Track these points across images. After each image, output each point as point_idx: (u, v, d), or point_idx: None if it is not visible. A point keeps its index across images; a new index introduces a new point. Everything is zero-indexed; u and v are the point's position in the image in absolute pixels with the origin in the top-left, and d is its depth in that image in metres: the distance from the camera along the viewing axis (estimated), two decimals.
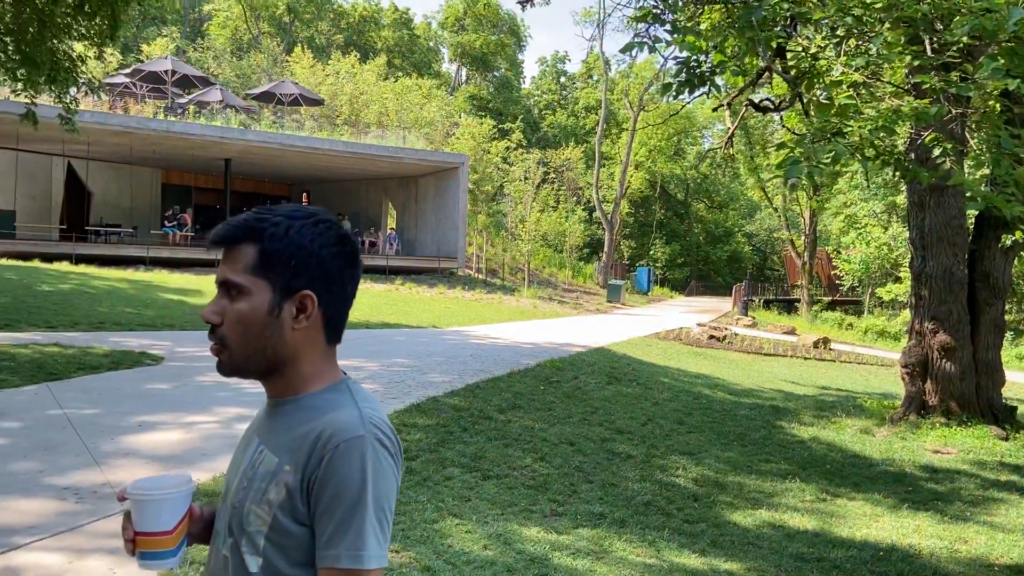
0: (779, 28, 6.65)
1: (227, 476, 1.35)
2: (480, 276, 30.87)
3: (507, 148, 35.91)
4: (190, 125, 25.01)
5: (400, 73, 49.95)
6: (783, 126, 9.97)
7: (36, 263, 20.81)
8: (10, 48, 13.97)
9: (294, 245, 1.24)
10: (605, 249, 41.05)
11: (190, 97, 29.39)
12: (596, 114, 54.98)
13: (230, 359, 1.24)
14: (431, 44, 66.13)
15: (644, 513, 5.88)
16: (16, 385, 7.77)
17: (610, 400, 9.83)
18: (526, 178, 32.96)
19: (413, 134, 34.18)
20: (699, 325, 22.80)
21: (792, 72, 7.03)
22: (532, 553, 4.63)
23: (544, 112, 65.68)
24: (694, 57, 6.29)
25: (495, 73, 65.10)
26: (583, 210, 47.07)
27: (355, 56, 43.15)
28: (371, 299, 21.15)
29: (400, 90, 39.84)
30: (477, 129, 34.18)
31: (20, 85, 14.22)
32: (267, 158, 27.36)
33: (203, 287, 19.81)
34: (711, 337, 20.14)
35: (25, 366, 8.59)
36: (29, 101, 14.13)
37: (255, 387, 5.29)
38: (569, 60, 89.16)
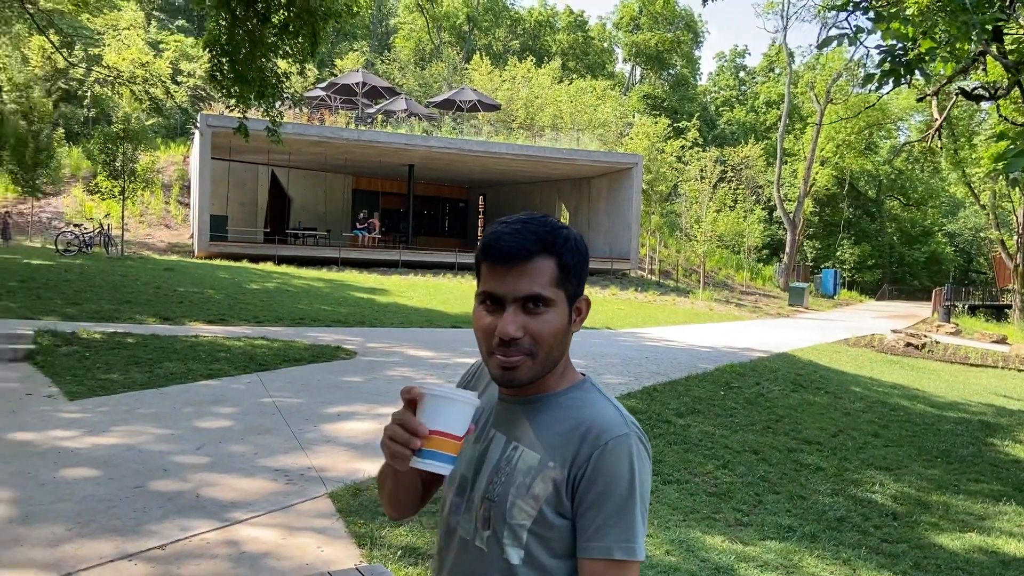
0: (996, 9, 6.04)
1: (458, 472, 1.38)
2: (653, 277, 30.40)
3: (682, 147, 35.13)
4: (378, 133, 26.52)
5: (574, 75, 50.27)
6: (1000, 115, 9.02)
7: (244, 263, 22.90)
8: (225, 67, 15.44)
9: (581, 256, 1.31)
10: (787, 250, 39.12)
11: (378, 107, 31.18)
12: (778, 109, 52.56)
13: (533, 369, 1.28)
14: (605, 45, 66.02)
15: (837, 529, 5.53)
16: (232, 374, 8.57)
17: (796, 408, 9.33)
18: (702, 177, 32.08)
19: (587, 136, 34.28)
20: (894, 332, 21.16)
21: (1011, 56, 6.36)
22: (717, 562, 4.48)
23: (721, 109, 63.67)
24: (899, 45, 5.83)
25: (670, 71, 63.93)
26: (762, 209, 45.12)
27: (531, 61, 43.94)
28: None
29: (574, 92, 40.08)
30: (651, 128, 33.71)
31: (233, 101, 15.73)
32: (447, 163, 28.47)
33: (389, 286, 20.93)
34: (908, 345, 18.62)
35: (239, 357, 9.45)
36: (241, 115, 15.55)
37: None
38: (749, 54, 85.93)
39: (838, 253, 51.22)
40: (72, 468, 5.02)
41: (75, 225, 22.08)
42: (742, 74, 67.74)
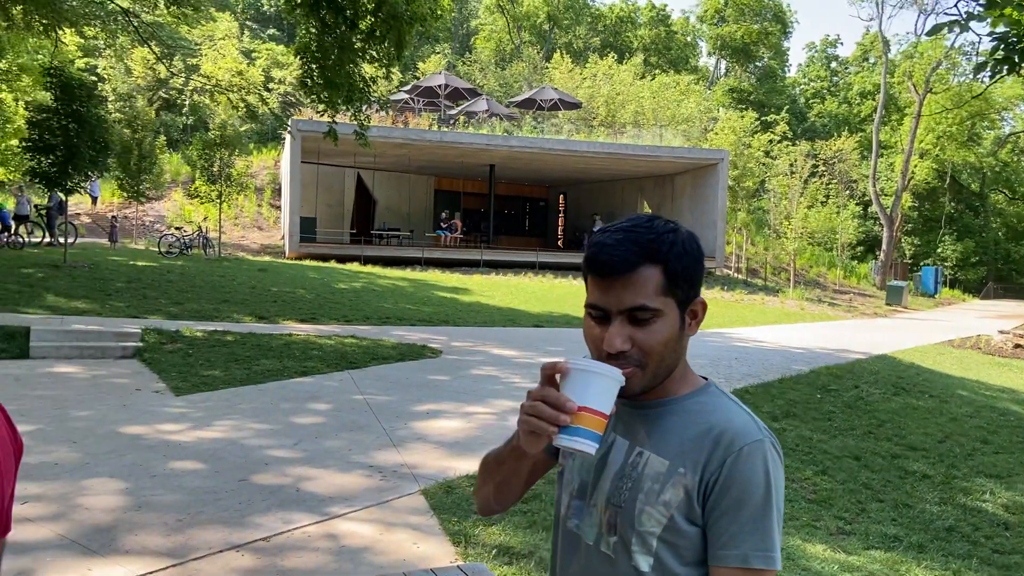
0: None
1: (575, 474, 1.37)
2: (740, 276, 29.69)
3: (770, 141, 34.17)
4: (460, 134, 26.79)
5: (656, 71, 49.59)
6: None
7: (332, 263, 23.51)
8: (315, 73, 15.89)
9: (692, 259, 1.25)
10: (883, 247, 37.57)
11: (459, 108, 31.50)
12: (873, 100, 50.51)
13: (643, 380, 1.25)
14: (688, 39, 64.89)
15: (946, 539, 5.26)
16: (324, 372, 8.80)
17: (898, 413, 8.93)
18: (792, 172, 31.13)
19: (669, 132, 33.75)
20: (1001, 332, 20.04)
21: None
22: (819, 571, 4.32)
23: (812, 101, 61.66)
24: (1013, 33, 5.49)
25: (757, 63, 62.31)
26: (856, 205, 43.41)
27: (612, 57, 43.58)
28: None
29: (657, 88, 39.54)
30: (737, 123, 32.89)
31: (323, 106, 16.17)
32: (528, 162, 28.53)
33: (471, 286, 21.12)
34: (1017, 346, 17.60)
35: (330, 355, 9.70)
36: (331, 120, 15.96)
37: (525, 382, 5.48)
38: (841, 44, 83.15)
39: (939, 250, 48.87)
40: (180, 461, 5.24)
41: (176, 228, 23.13)
42: (834, 64, 65.42)
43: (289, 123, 22.06)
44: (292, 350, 9.77)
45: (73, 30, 19.97)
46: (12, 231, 19.64)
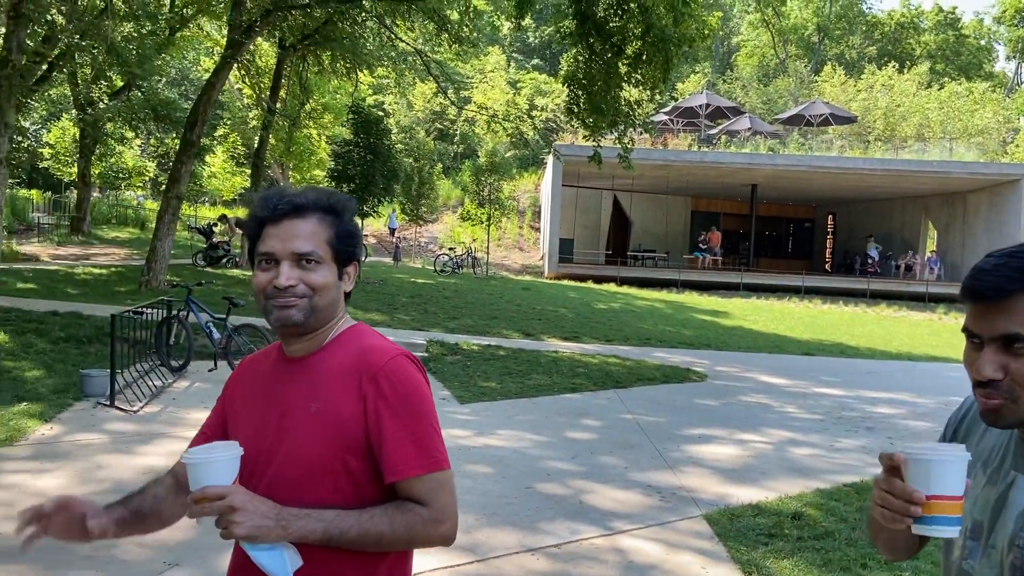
0: None
1: (967, 513, 1.30)
2: None
3: None
4: (720, 154, 26.21)
5: (944, 79, 44.93)
6: None
7: (589, 284, 24.03)
8: (582, 100, 16.42)
9: None
10: None
11: (720, 127, 30.83)
12: None
13: (1015, 413, 1.19)
14: (982, 43, 58.08)
15: None
16: (591, 389, 9.01)
17: None
18: None
19: (961, 145, 30.36)
20: None
21: None
22: None
23: None
24: None
25: None
26: None
27: (891, 67, 40.21)
28: (909, 329, 19.30)
29: (945, 98, 35.82)
30: None
31: (588, 131, 16.67)
32: (794, 181, 27.15)
33: (731, 309, 20.48)
34: None
35: (595, 373, 9.91)
36: (595, 144, 16.38)
37: (802, 413, 5.21)
38: None
39: None
40: (472, 464, 5.64)
41: (449, 248, 25.02)
42: None
43: (553, 148, 22.95)
44: (559, 367, 10.12)
45: (368, 71, 22.43)
46: None
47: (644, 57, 14.92)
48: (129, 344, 7.94)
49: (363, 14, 17.65)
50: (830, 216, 33.30)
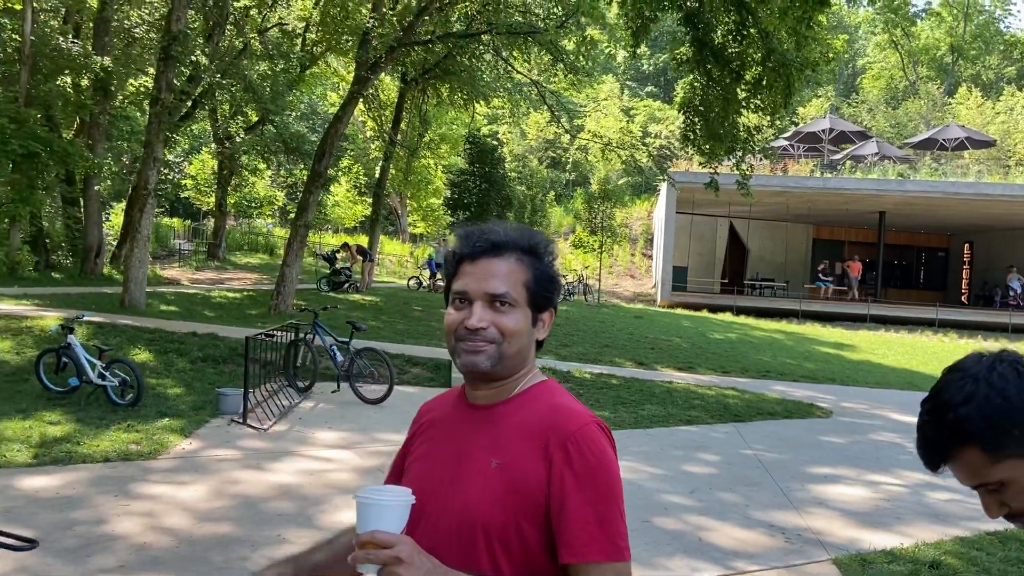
0: None
1: None
2: None
3: None
4: (845, 180, 25.17)
5: None
6: None
7: (704, 313, 23.48)
8: (698, 126, 16.21)
9: None
10: None
11: (844, 153, 29.65)
12: None
13: None
14: None
15: None
16: (708, 422, 8.77)
17: None
18: None
19: None
20: None
21: None
22: None
23: None
24: None
25: None
26: None
27: None
28: None
29: None
30: None
31: (704, 158, 16.40)
32: (927, 208, 25.72)
33: (857, 342, 19.50)
34: None
35: (712, 406, 9.65)
36: (713, 171, 16.10)
37: None
38: None
39: None
40: None
41: (560, 276, 25.09)
42: None
43: (667, 175, 22.73)
44: (674, 397, 9.92)
45: (484, 102, 22.97)
46: (436, 277, 22.90)
47: (764, 82, 14.58)
48: (260, 365, 8.36)
49: (481, 47, 18.14)
50: (967, 245, 31.27)
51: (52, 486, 5.25)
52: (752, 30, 13.87)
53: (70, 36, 16.39)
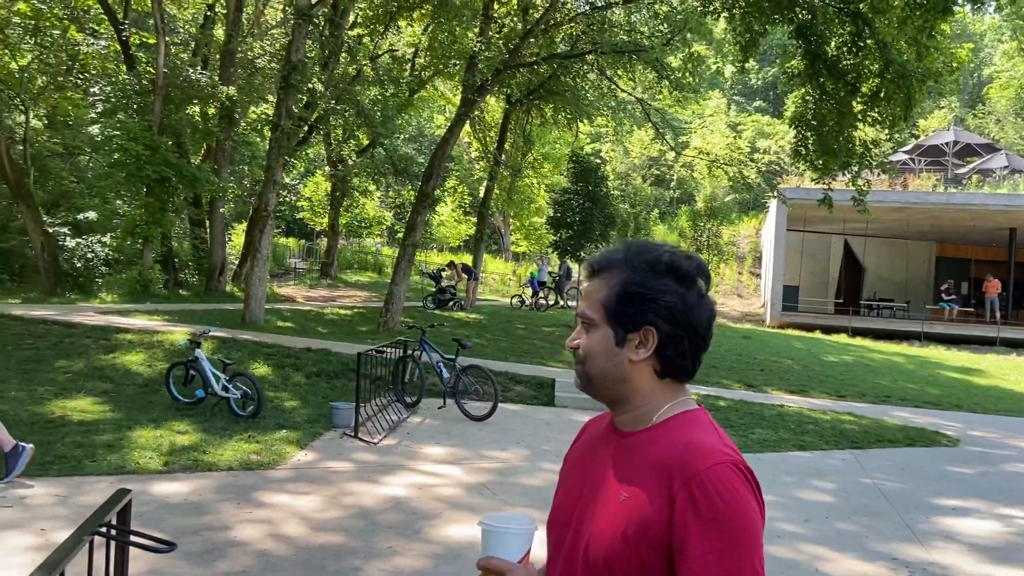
0: None
1: None
2: None
3: None
4: (971, 195, 23.77)
5: None
6: None
7: (817, 334, 22.57)
8: (810, 141, 15.68)
9: None
10: None
11: (970, 167, 28.01)
12: None
13: None
14: None
15: None
16: (823, 448, 8.42)
17: None
18: None
19: None
20: None
21: None
22: None
23: None
24: None
25: None
26: None
27: None
28: None
29: None
30: None
31: (817, 174, 15.84)
32: None
33: (985, 366, 18.30)
34: None
35: (827, 431, 9.25)
36: (827, 187, 15.52)
37: None
38: None
39: None
40: None
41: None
42: None
43: (777, 191, 22.09)
44: (786, 422, 9.57)
45: (588, 121, 23.00)
46: (538, 295, 22.99)
47: (882, 95, 13.98)
48: (370, 380, 8.62)
49: (585, 67, 18.22)
50: None
51: (181, 492, 5.57)
52: (869, 41, 13.35)
53: (199, 68, 17.50)
